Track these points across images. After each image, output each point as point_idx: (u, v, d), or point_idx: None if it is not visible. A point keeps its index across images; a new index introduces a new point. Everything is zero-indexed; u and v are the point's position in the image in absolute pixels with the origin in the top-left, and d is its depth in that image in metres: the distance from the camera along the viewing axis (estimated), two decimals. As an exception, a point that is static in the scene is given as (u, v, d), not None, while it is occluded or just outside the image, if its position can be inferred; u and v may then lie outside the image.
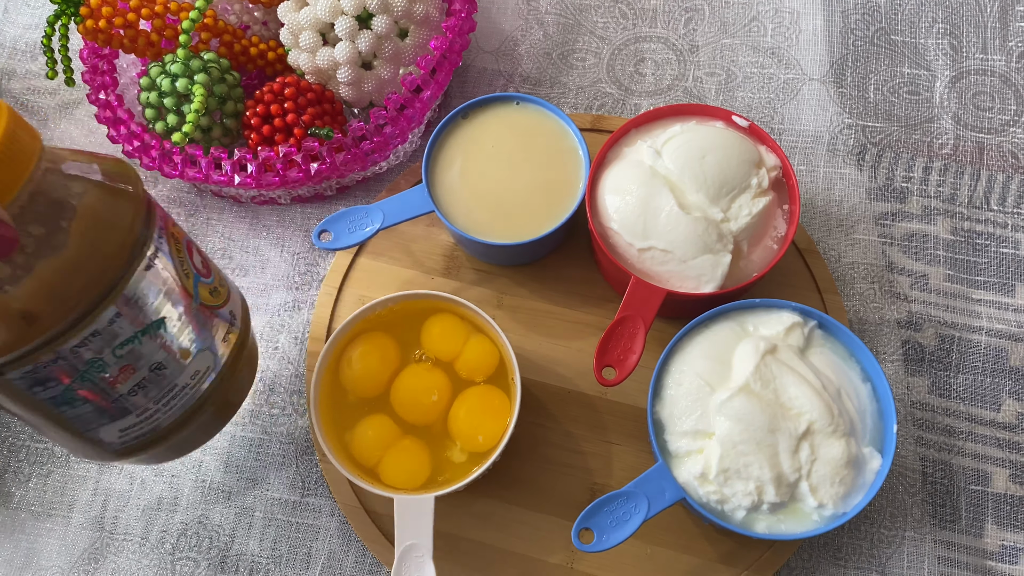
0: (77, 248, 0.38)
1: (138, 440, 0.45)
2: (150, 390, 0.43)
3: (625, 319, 0.51)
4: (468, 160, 0.57)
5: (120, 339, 0.41)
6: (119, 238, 0.40)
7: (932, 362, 0.58)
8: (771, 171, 0.54)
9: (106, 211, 0.40)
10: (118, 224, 0.40)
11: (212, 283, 0.47)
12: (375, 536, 0.54)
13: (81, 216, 0.39)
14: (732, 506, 0.47)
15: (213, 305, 0.47)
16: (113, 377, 0.41)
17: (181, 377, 0.45)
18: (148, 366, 0.43)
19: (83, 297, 0.39)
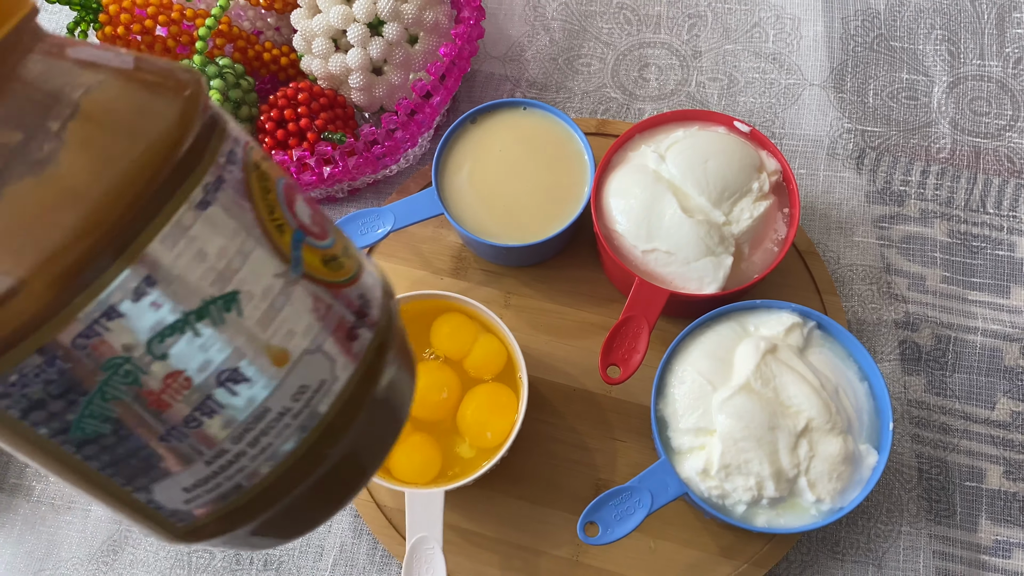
0: (72, 166, 0.22)
1: (219, 507, 0.25)
2: (223, 415, 0.24)
3: (629, 319, 0.53)
4: (476, 164, 0.58)
5: (158, 326, 0.22)
6: (149, 156, 0.22)
7: (928, 361, 0.59)
8: (772, 175, 0.55)
9: (130, 110, 0.23)
10: (149, 134, 0.23)
11: (330, 247, 0.28)
12: (386, 529, 0.55)
13: (86, 115, 0.22)
14: (733, 501, 0.49)
15: (330, 281, 0.27)
16: (154, 391, 0.23)
17: (276, 395, 0.25)
18: (214, 374, 0.24)
19: (84, 248, 0.21)
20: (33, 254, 0.20)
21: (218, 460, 0.25)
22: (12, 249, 0.20)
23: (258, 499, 0.26)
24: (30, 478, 0.60)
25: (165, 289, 0.22)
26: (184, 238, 0.23)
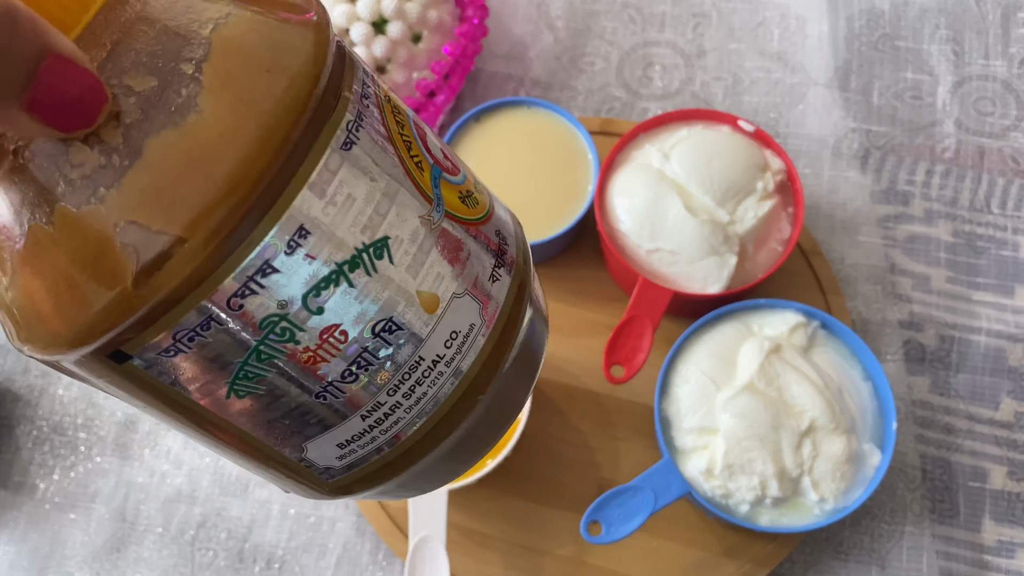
0: (214, 112, 0.20)
1: (372, 461, 0.25)
2: (379, 367, 0.23)
3: (633, 318, 0.53)
4: (480, 163, 0.58)
5: (313, 280, 0.21)
6: (293, 94, 0.21)
7: (933, 362, 0.59)
8: (776, 175, 0.55)
9: (263, 44, 0.21)
10: (288, 68, 0.21)
11: (463, 183, 0.27)
12: (389, 528, 0.55)
13: (220, 55, 0.20)
14: (736, 500, 0.49)
15: (469, 219, 0.26)
16: (311, 348, 0.22)
17: (428, 343, 0.24)
18: (369, 326, 0.23)
19: (236, 203, 0.19)
20: (186, 210, 0.19)
21: (373, 414, 0.24)
22: (163, 206, 0.19)
23: (411, 451, 0.25)
24: (34, 476, 0.60)
25: (318, 239, 0.21)
26: (333, 183, 0.21)
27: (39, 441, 0.61)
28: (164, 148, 0.19)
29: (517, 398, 0.28)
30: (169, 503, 0.58)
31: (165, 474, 0.59)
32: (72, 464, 0.60)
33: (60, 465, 0.60)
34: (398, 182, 0.23)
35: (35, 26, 0.17)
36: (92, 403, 0.61)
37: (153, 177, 0.19)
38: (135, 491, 0.59)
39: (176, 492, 0.59)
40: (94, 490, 0.59)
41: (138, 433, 0.60)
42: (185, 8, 0.21)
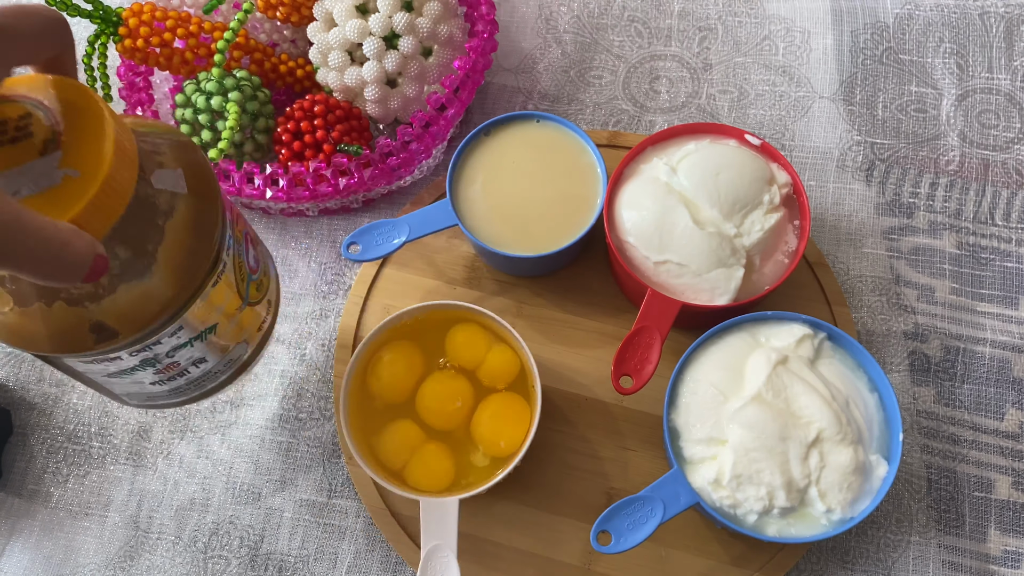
0: (160, 275, 0.40)
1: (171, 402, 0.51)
2: (190, 376, 0.48)
3: (642, 330, 0.53)
4: (490, 175, 0.59)
5: (174, 345, 0.44)
6: (200, 264, 0.42)
7: (938, 372, 0.60)
8: (782, 188, 0.56)
9: (191, 235, 0.41)
10: (201, 249, 0.42)
11: (258, 276, 0.49)
12: (400, 537, 0.56)
13: (167, 242, 0.40)
14: (744, 510, 0.49)
15: (256, 300, 0.49)
16: (160, 370, 0.45)
17: (217, 365, 0.49)
18: (192, 361, 0.46)
19: (156, 319, 0.40)
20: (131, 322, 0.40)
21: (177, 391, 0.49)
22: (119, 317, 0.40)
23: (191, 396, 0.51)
24: (48, 484, 0.60)
25: (186, 330, 0.43)
26: (198, 305, 0.43)
27: (53, 449, 0.61)
28: (127, 287, 0.39)
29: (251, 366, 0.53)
30: (182, 511, 0.59)
31: (178, 482, 0.60)
32: (86, 472, 0.61)
33: (74, 473, 0.61)
34: (231, 292, 0.45)
35: (94, 244, 0.33)
36: (106, 412, 0.62)
37: (116, 303, 0.39)
38: (148, 499, 0.60)
39: (189, 500, 0.59)
40: (107, 498, 0.60)
41: (151, 442, 0.61)
42: (151, 203, 0.39)
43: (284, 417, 0.61)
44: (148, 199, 0.39)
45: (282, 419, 0.61)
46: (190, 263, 0.41)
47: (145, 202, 0.39)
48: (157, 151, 0.42)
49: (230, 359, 0.50)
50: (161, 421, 0.61)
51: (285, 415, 0.61)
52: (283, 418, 0.61)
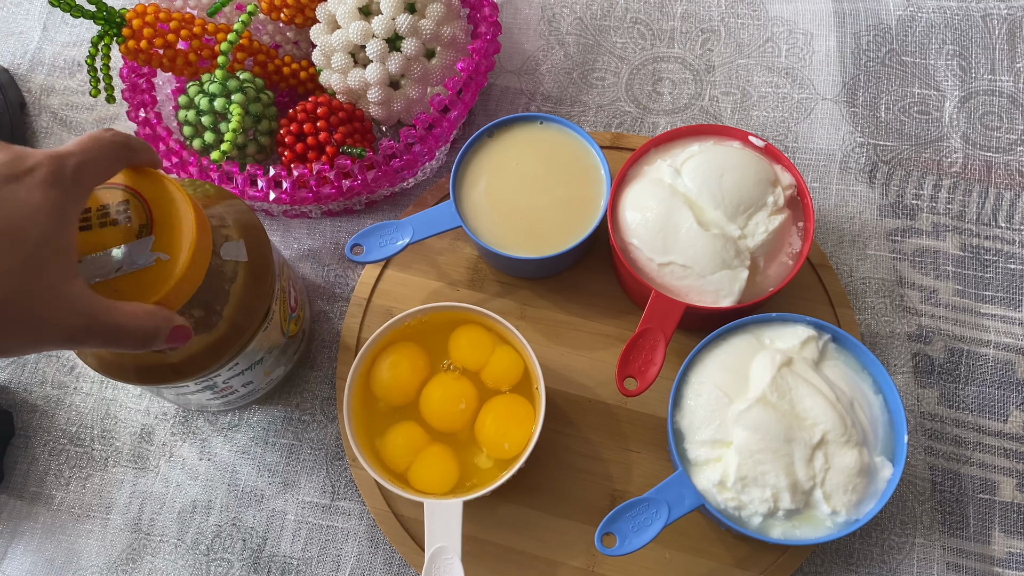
0: (224, 329, 0.49)
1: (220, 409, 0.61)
2: (239, 393, 0.57)
3: (646, 331, 0.53)
4: (493, 177, 0.59)
5: (229, 376, 0.53)
6: (256, 316, 0.51)
7: (941, 374, 0.60)
8: (786, 190, 0.56)
9: (250, 295, 0.50)
10: (257, 305, 0.51)
11: (297, 313, 0.58)
12: (403, 539, 0.56)
13: (231, 302, 0.49)
14: (749, 512, 0.49)
15: (295, 334, 0.58)
16: (216, 392, 0.55)
17: (260, 384, 0.58)
18: (242, 384, 0.55)
19: (220, 360, 0.50)
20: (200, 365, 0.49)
21: (227, 402, 0.58)
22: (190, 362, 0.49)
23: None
24: (50, 487, 0.60)
25: (240, 365, 0.53)
26: (255, 344, 0.52)
27: (55, 452, 0.61)
28: (199, 339, 0.48)
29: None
30: (184, 513, 0.59)
31: (180, 484, 0.60)
32: (88, 475, 0.60)
33: (76, 476, 0.60)
34: (278, 332, 0.54)
35: (172, 317, 0.42)
36: (109, 414, 0.62)
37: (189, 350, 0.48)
38: (151, 502, 0.59)
39: (191, 503, 0.59)
40: (110, 500, 0.60)
41: (153, 444, 0.61)
42: (219, 272, 0.48)
43: (287, 419, 0.61)
44: (217, 268, 0.48)
45: (285, 420, 0.61)
46: (249, 317, 0.50)
47: (215, 272, 0.48)
48: (224, 224, 0.50)
49: (271, 379, 0.58)
50: (163, 423, 0.61)
51: (288, 416, 0.61)
52: (286, 420, 0.61)
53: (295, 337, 0.58)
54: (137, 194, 0.45)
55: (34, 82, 0.73)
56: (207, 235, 0.46)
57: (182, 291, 0.44)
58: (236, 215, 0.51)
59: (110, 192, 0.45)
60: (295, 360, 0.60)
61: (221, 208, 0.51)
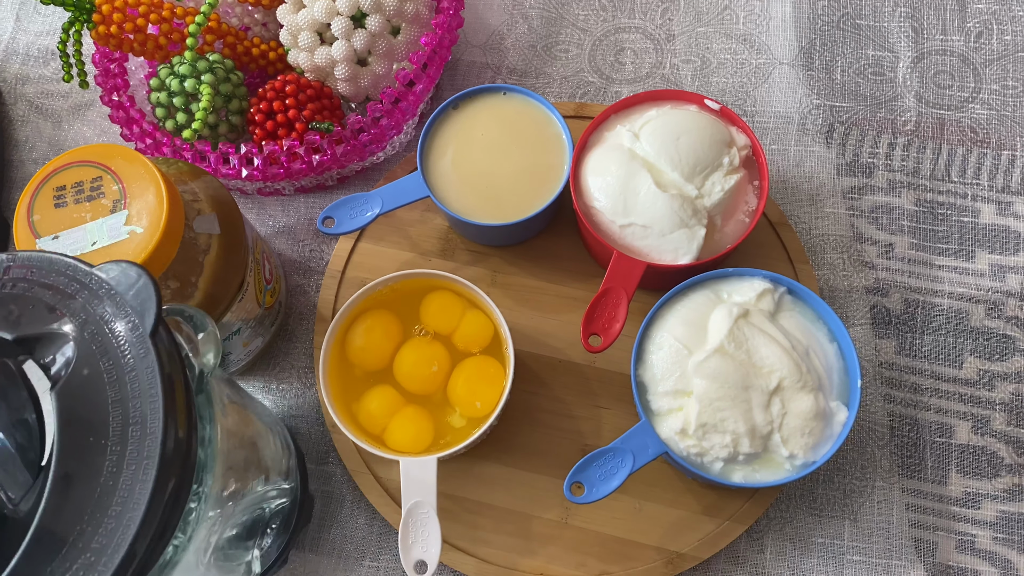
0: (201, 299, 0.50)
1: None
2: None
3: (609, 290, 0.55)
4: (459, 148, 0.61)
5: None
6: (231, 287, 0.52)
7: (898, 325, 0.62)
8: (741, 150, 0.58)
9: (224, 266, 0.51)
10: (231, 276, 0.52)
11: (272, 286, 0.60)
12: (383, 498, 0.58)
13: (206, 273, 0.50)
14: (711, 458, 0.51)
15: (270, 304, 0.60)
16: None
17: (239, 356, 0.59)
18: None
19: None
20: None
21: None
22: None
23: None
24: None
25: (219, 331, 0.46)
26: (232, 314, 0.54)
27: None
28: None
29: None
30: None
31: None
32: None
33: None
34: (253, 303, 0.55)
35: None
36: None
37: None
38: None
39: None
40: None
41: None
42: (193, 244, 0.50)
43: (266, 389, 0.63)
44: (191, 241, 0.49)
45: (264, 390, 0.63)
46: (223, 288, 0.51)
47: (189, 244, 0.49)
48: (196, 199, 0.51)
49: (250, 350, 0.60)
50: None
51: (267, 387, 0.63)
52: (265, 390, 0.63)
53: (271, 309, 0.60)
54: (110, 171, 0.47)
55: (9, 72, 0.74)
56: (179, 208, 0.47)
57: (156, 262, 0.46)
58: (209, 190, 0.53)
59: (84, 169, 0.47)
60: (272, 332, 0.62)
61: (194, 184, 0.53)
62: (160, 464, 0.33)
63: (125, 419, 0.34)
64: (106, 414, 0.34)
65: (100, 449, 0.33)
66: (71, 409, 0.34)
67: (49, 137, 0.71)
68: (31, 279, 0.37)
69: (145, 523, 0.32)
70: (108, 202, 0.47)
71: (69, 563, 0.32)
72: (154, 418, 0.34)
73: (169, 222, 0.46)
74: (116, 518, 0.32)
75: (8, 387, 0.34)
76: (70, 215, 0.47)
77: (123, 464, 0.33)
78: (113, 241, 0.46)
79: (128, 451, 0.33)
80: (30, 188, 0.47)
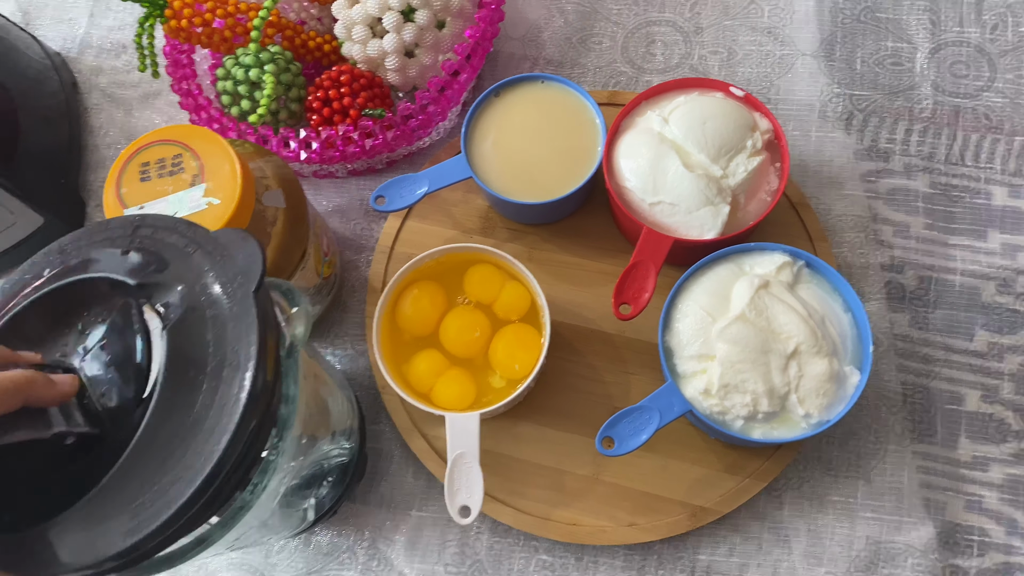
0: (268, 267, 0.50)
1: None
2: None
3: (638, 263, 0.60)
4: (500, 132, 0.66)
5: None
6: (294, 257, 0.57)
7: (912, 300, 0.66)
8: (764, 134, 0.62)
9: (289, 237, 0.56)
10: (295, 246, 0.57)
11: (329, 258, 0.64)
12: (428, 453, 0.63)
13: (273, 244, 0.55)
14: (732, 416, 0.56)
15: (328, 276, 0.65)
16: None
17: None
18: None
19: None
20: None
21: None
22: None
23: None
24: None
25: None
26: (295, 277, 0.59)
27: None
28: None
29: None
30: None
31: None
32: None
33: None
34: (311, 275, 0.59)
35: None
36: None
37: None
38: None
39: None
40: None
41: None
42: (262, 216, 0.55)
43: (322, 354, 0.68)
44: (260, 213, 0.54)
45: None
46: (288, 257, 0.56)
47: (258, 216, 0.54)
48: (264, 176, 0.56)
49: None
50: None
51: (322, 353, 0.68)
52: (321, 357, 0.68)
53: (328, 279, 0.65)
54: (190, 149, 0.53)
55: (84, 64, 0.80)
56: (250, 183, 0.53)
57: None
58: (274, 169, 0.58)
59: (166, 148, 0.53)
60: (328, 301, 0.67)
61: (261, 163, 0.58)
62: (247, 402, 0.38)
63: (222, 361, 0.39)
64: (206, 355, 0.39)
65: (197, 384, 0.39)
66: (177, 347, 0.39)
67: (121, 123, 0.77)
68: (156, 237, 0.42)
69: (228, 450, 0.37)
70: (188, 177, 0.52)
71: (158, 479, 0.37)
72: (247, 362, 0.39)
73: (243, 194, 0.51)
74: (205, 443, 0.37)
75: (125, 326, 0.39)
76: (154, 188, 0.52)
77: (215, 398, 0.39)
78: (193, 211, 0.51)
79: (220, 388, 0.39)
80: (118, 164, 0.53)
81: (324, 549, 0.63)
